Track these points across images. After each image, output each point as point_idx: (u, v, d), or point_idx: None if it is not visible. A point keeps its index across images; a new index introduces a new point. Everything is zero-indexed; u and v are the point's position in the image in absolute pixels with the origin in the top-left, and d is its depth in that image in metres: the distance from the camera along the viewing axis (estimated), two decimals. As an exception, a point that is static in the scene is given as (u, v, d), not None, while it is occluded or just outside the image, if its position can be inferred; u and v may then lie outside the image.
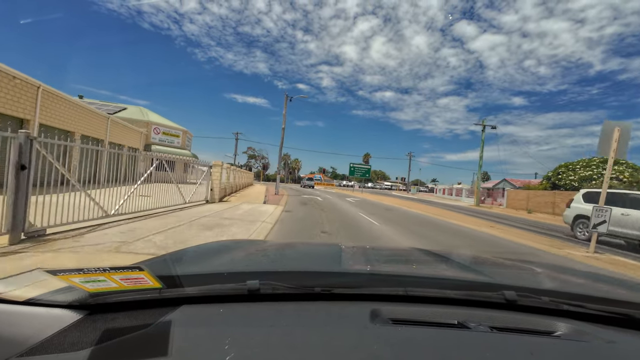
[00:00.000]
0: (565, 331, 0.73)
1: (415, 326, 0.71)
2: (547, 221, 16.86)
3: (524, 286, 0.93)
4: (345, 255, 1.43)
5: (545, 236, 10.11)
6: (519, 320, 0.77)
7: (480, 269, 1.34)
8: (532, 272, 1.39)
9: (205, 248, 1.44)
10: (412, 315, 0.75)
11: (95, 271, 0.66)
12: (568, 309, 0.83)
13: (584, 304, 0.84)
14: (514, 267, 1.51)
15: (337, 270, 1.14)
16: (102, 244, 4.22)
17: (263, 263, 1.23)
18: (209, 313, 0.73)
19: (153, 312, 0.71)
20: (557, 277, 1.30)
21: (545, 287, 1.03)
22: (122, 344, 0.60)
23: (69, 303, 0.70)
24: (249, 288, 0.77)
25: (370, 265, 1.31)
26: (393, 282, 0.93)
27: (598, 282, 1.29)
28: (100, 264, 3.41)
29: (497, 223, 13.05)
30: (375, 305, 0.78)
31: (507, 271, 1.43)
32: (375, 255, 1.63)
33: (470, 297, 0.86)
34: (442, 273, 1.23)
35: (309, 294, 0.82)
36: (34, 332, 0.62)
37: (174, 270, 0.87)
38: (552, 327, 0.75)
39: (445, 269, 1.35)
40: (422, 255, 1.59)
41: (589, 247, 7.27)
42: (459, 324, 0.73)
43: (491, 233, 9.61)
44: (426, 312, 0.78)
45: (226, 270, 0.94)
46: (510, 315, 0.80)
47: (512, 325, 0.74)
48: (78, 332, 0.64)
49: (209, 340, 0.60)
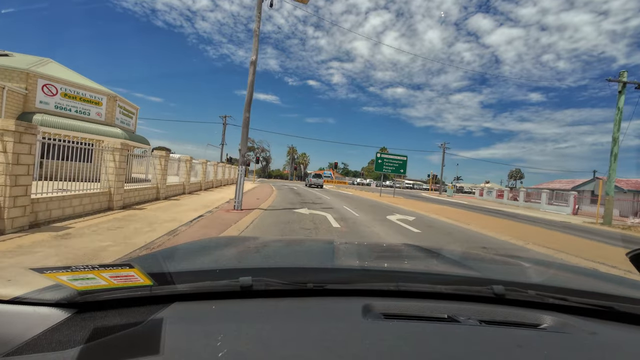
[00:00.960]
0: (551, 323, 0.76)
1: (407, 320, 0.72)
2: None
3: (512, 281, 0.96)
4: (338, 251, 1.44)
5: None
6: (506, 314, 0.79)
7: (470, 264, 1.36)
8: (520, 267, 1.42)
9: (197, 245, 1.43)
10: (404, 310, 0.77)
11: (83, 269, 0.65)
12: (553, 302, 0.85)
13: (568, 297, 0.86)
14: (502, 262, 1.54)
15: (330, 266, 1.15)
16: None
17: (256, 259, 1.22)
18: (201, 310, 0.72)
19: (144, 310, 0.71)
20: (544, 271, 1.35)
21: (532, 282, 1.06)
22: (113, 341, 0.59)
23: (57, 301, 0.69)
24: (241, 284, 0.77)
25: (363, 261, 1.33)
26: (385, 278, 0.95)
27: (582, 276, 1.35)
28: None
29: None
30: (368, 300, 0.80)
31: (496, 266, 1.45)
32: (368, 251, 1.63)
33: (460, 291, 0.88)
34: (433, 268, 1.25)
35: (302, 290, 0.82)
36: (21, 331, 0.61)
37: (165, 267, 0.86)
38: (538, 319, 0.78)
39: (436, 265, 1.35)
40: (413, 251, 1.62)
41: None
42: (449, 317, 0.74)
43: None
44: (417, 306, 0.79)
45: (218, 266, 0.96)
46: (498, 308, 0.82)
47: (500, 318, 0.77)
48: (67, 330, 0.63)
49: (201, 337, 0.60)
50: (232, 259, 1.22)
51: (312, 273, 0.96)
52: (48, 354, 0.56)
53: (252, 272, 0.84)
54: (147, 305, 0.72)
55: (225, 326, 0.65)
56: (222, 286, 0.78)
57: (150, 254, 1.09)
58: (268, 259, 1.25)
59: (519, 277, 1.19)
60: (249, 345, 0.58)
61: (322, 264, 1.21)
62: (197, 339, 0.59)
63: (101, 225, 5.52)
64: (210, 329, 0.63)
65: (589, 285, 1.13)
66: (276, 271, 0.95)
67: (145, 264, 0.84)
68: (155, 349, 0.55)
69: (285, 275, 0.86)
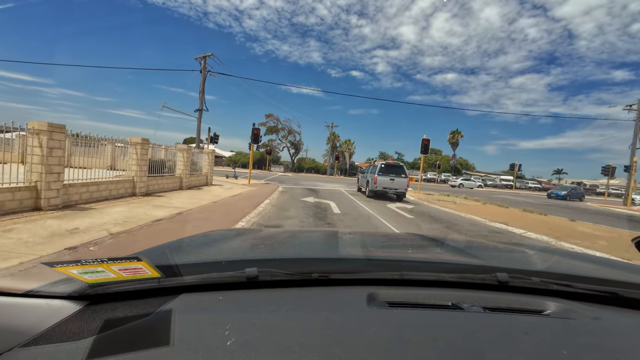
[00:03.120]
0: (554, 310, 0.77)
1: (411, 308, 0.73)
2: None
3: (515, 268, 0.96)
4: (342, 241, 1.45)
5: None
6: (510, 301, 0.80)
7: (474, 253, 1.37)
8: (523, 254, 1.42)
9: (203, 237, 1.44)
10: (408, 298, 0.78)
11: (93, 262, 0.67)
12: (557, 289, 0.86)
13: (572, 283, 0.87)
14: (506, 250, 1.55)
15: (335, 256, 1.15)
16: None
17: (261, 250, 1.23)
18: (208, 301, 0.74)
19: (153, 301, 0.72)
20: (547, 258, 1.35)
21: (535, 269, 1.05)
22: (124, 332, 0.61)
23: (69, 294, 0.70)
24: (247, 275, 0.79)
25: (367, 251, 1.34)
26: (389, 267, 0.96)
27: (586, 262, 1.36)
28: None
29: None
30: (372, 289, 0.80)
31: (499, 254, 1.46)
32: (372, 240, 1.65)
33: (464, 279, 0.89)
34: (437, 257, 1.27)
35: (307, 280, 0.83)
36: (36, 323, 0.63)
37: (172, 260, 0.88)
38: (542, 306, 0.78)
39: (439, 253, 1.37)
40: (417, 240, 1.65)
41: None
42: (453, 305, 0.75)
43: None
44: (421, 294, 0.80)
45: (224, 258, 0.97)
46: (502, 296, 0.83)
47: (504, 305, 0.77)
48: (79, 322, 0.65)
49: (209, 327, 0.61)
50: (238, 251, 1.24)
51: (317, 263, 0.97)
52: (62, 345, 0.58)
53: (257, 263, 0.86)
54: (155, 297, 0.74)
55: (232, 316, 0.66)
56: (228, 277, 0.80)
57: (158, 247, 1.13)
58: (273, 250, 1.27)
59: (522, 264, 1.20)
60: (256, 334, 0.59)
61: (326, 254, 1.23)
62: (206, 328, 0.60)
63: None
64: (218, 319, 0.65)
65: (593, 271, 1.14)
66: (281, 262, 0.97)
67: (153, 257, 0.87)
68: (165, 339, 0.57)
69: (290, 266, 0.87)
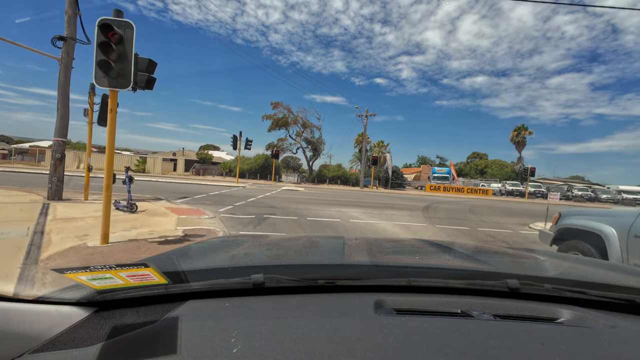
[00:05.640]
0: (568, 317, 0.75)
1: (419, 316, 0.72)
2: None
3: (526, 274, 0.95)
4: (348, 247, 1.44)
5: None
6: (521, 308, 0.78)
7: (483, 259, 1.35)
8: (534, 260, 1.39)
9: (209, 244, 1.45)
10: (416, 305, 0.77)
11: (101, 268, 0.67)
12: (570, 296, 0.84)
13: (586, 290, 0.85)
14: (516, 255, 1.52)
15: (341, 263, 1.15)
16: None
17: (267, 257, 1.24)
18: (215, 307, 0.74)
19: (160, 308, 0.72)
20: (559, 264, 1.32)
21: (547, 275, 1.04)
22: (131, 339, 0.61)
23: (77, 300, 0.71)
24: (253, 282, 0.78)
25: (374, 257, 1.32)
26: (396, 273, 0.95)
27: (600, 269, 1.32)
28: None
29: None
30: (379, 296, 0.79)
31: (509, 260, 1.43)
32: (378, 246, 1.62)
33: (473, 286, 0.87)
34: (445, 263, 1.25)
35: (314, 287, 0.83)
36: (45, 329, 0.63)
37: (179, 266, 0.87)
38: (555, 313, 0.77)
39: (448, 259, 1.35)
40: (424, 246, 1.61)
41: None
42: (463, 312, 0.74)
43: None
44: (429, 301, 0.79)
45: (230, 264, 0.97)
46: (513, 303, 0.81)
47: (515, 312, 0.76)
48: (87, 328, 0.65)
49: (216, 333, 0.61)
50: (244, 257, 1.24)
51: (323, 269, 0.96)
52: (71, 351, 0.58)
53: (263, 269, 0.85)
54: (163, 304, 0.74)
55: (238, 322, 0.66)
56: (234, 284, 0.80)
57: (164, 254, 1.13)
58: (279, 256, 1.27)
59: (533, 270, 1.18)
60: (262, 341, 0.59)
61: (333, 260, 1.22)
62: (212, 335, 0.60)
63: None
64: (225, 325, 0.64)
65: (608, 278, 1.11)
66: (287, 268, 0.96)
67: (160, 264, 0.86)
68: (172, 344, 0.57)
69: (297, 272, 0.87)
